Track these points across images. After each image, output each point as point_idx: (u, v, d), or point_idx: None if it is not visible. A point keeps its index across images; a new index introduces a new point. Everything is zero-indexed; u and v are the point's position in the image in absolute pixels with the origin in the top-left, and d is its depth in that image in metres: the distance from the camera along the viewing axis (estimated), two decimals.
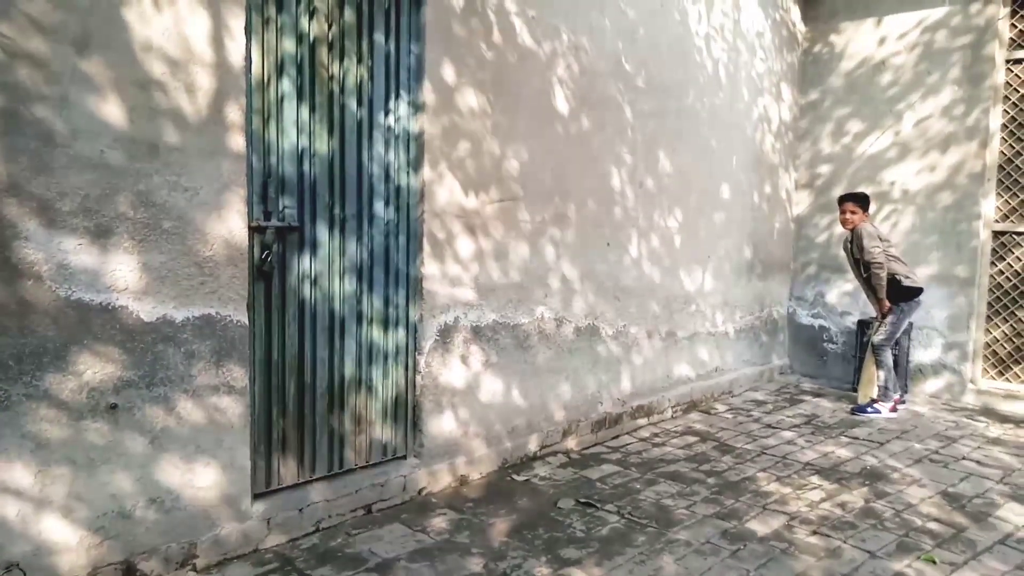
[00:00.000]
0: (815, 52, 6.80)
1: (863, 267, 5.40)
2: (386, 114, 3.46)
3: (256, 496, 3.06)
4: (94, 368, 2.50)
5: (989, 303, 5.99)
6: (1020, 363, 5.86)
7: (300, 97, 3.10)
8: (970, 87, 5.94)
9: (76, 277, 2.44)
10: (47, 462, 2.42)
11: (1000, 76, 5.86)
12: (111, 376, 2.54)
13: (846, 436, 4.96)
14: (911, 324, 6.02)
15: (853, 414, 5.49)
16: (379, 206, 3.47)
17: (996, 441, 4.90)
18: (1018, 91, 5.81)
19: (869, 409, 5.47)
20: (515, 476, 4.01)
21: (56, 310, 2.40)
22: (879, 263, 5.27)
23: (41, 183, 2.34)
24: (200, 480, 2.81)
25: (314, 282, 3.23)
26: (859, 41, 6.52)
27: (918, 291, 5.40)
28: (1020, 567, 3.07)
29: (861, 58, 6.51)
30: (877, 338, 5.48)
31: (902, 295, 5.38)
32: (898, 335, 5.56)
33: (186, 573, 2.78)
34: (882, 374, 5.48)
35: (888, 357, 5.50)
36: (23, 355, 2.34)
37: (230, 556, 2.91)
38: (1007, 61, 5.85)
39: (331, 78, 3.22)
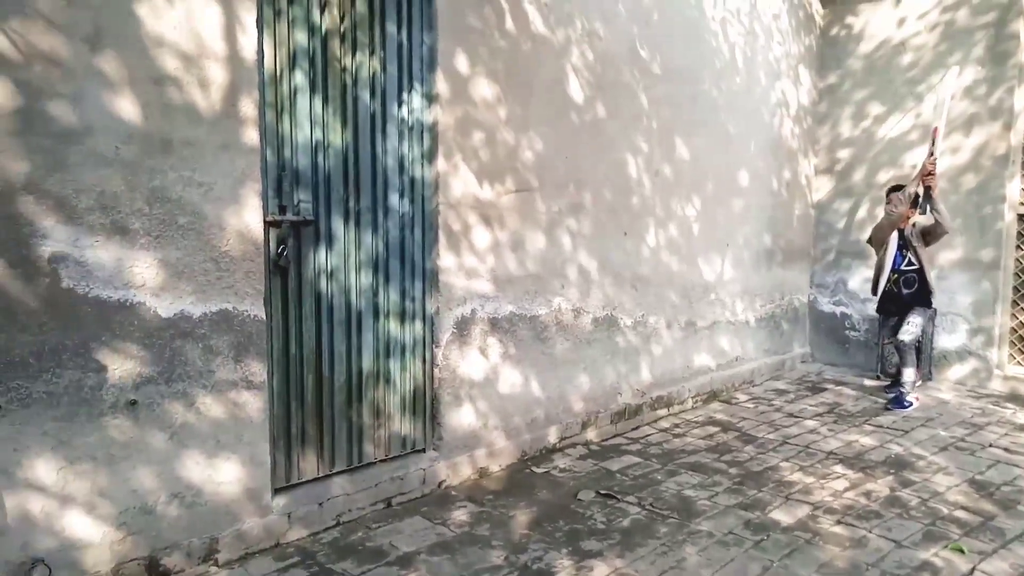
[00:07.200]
0: (832, 34, 6.69)
1: (929, 237, 5.42)
2: (399, 105, 3.43)
3: (277, 490, 3.07)
4: (113, 365, 2.51)
5: (1015, 287, 5.88)
6: None
7: (313, 90, 3.08)
8: (993, 66, 5.81)
9: (93, 274, 2.44)
10: (69, 459, 2.43)
11: None
12: (130, 373, 2.55)
13: (870, 424, 4.89)
14: (935, 309, 5.92)
15: (888, 409, 5.30)
16: (394, 198, 3.45)
17: None
18: None
19: (906, 403, 5.33)
20: (535, 468, 3.99)
21: (74, 307, 2.40)
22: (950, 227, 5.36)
23: (57, 180, 2.34)
24: (221, 475, 2.82)
25: (330, 276, 3.22)
26: (877, 22, 6.40)
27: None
28: None
29: (880, 39, 6.39)
30: (908, 337, 5.37)
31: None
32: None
33: (208, 568, 2.79)
34: (912, 371, 5.37)
35: (914, 351, 5.42)
36: (43, 352, 2.35)
37: (252, 550, 2.92)
38: None
39: (344, 70, 3.20)
